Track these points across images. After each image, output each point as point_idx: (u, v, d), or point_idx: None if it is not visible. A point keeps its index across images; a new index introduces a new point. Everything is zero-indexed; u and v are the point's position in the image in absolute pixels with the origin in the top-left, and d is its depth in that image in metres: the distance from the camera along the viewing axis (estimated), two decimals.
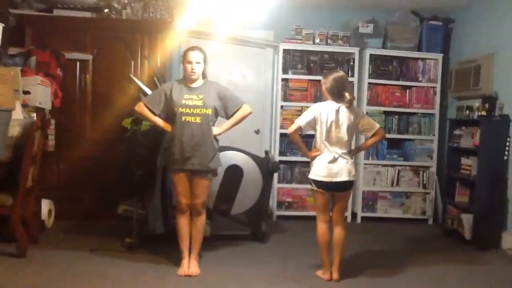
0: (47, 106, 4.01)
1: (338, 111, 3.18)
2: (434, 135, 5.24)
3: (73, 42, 4.53)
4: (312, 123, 3.22)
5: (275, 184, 4.98)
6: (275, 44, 5.25)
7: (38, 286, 2.95)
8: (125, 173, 3.75)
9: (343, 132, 3.18)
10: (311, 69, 5.17)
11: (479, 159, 4.36)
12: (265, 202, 4.13)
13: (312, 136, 3.35)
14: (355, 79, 5.11)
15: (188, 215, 3.30)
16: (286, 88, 5.11)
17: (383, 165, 5.22)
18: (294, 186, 5.15)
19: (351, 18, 5.30)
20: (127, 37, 4.62)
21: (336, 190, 3.21)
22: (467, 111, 4.79)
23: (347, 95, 3.18)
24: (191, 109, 3.17)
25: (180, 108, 3.17)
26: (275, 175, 4.65)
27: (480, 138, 4.35)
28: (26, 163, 3.36)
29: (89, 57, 4.56)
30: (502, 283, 3.42)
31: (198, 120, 3.17)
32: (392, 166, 5.23)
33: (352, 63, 5.15)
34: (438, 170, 5.23)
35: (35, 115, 3.80)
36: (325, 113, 3.18)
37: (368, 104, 5.15)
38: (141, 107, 3.26)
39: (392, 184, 5.23)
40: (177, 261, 3.32)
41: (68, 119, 4.53)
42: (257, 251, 3.90)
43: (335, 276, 3.22)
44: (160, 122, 3.27)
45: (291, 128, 3.25)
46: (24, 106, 3.73)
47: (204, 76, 3.29)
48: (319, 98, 4.75)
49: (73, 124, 4.57)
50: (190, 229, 3.30)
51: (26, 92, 3.75)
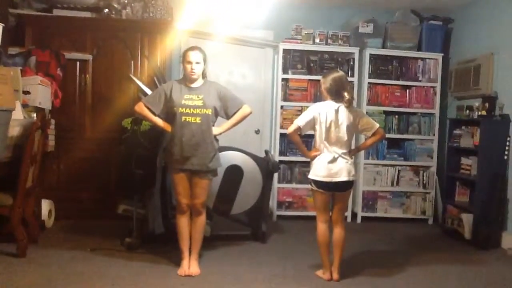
0: (47, 106, 4.01)
1: (337, 111, 3.18)
2: (434, 135, 5.24)
3: (73, 42, 4.53)
4: (312, 123, 3.22)
5: (275, 184, 4.97)
6: (275, 44, 5.25)
7: (38, 286, 2.95)
8: (125, 173, 3.75)
9: (342, 132, 3.18)
10: (311, 69, 5.16)
11: (479, 159, 4.37)
12: (265, 202, 4.13)
13: (312, 136, 3.35)
14: (355, 79, 5.11)
15: (188, 215, 3.30)
16: (286, 88, 5.11)
17: (383, 165, 5.22)
18: (294, 186, 5.15)
19: (351, 17, 5.30)
20: (127, 37, 4.61)
21: (336, 190, 3.21)
22: (467, 111, 4.78)
23: (346, 95, 3.18)
24: (191, 109, 3.17)
25: (180, 108, 3.17)
26: (275, 175, 4.65)
27: (480, 138, 4.35)
28: (26, 163, 3.36)
29: (89, 57, 4.56)
30: (502, 283, 3.42)
31: (198, 120, 3.17)
32: (392, 166, 5.23)
33: (352, 63, 5.15)
34: (438, 170, 5.23)
35: (35, 115, 3.80)
36: (324, 113, 3.18)
37: (368, 104, 5.15)
38: (141, 107, 3.26)
39: (392, 184, 5.23)
40: (177, 261, 3.32)
41: (68, 119, 4.53)
42: (257, 251, 3.90)
43: (335, 276, 3.22)
44: (160, 122, 3.27)
45: (291, 128, 3.24)
46: (24, 106, 3.73)
47: (204, 76, 3.29)
48: (319, 98, 4.74)
49: (73, 124, 4.57)
50: (190, 229, 3.30)
51: (26, 92, 3.74)
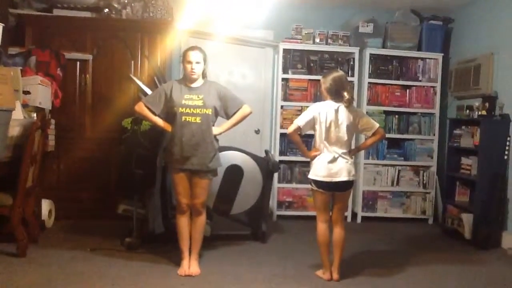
0: (47, 106, 4.01)
1: (337, 111, 3.18)
2: (434, 134, 5.24)
3: (73, 42, 4.53)
4: (311, 123, 3.22)
5: (275, 184, 4.97)
6: (275, 43, 5.25)
7: (38, 286, 2.95)
8: (125, 173, 3.75)
9: (342, 132, 3.18)
10: (311, 68, 5.16)
11: (479, 158, 4.37)
12: (265, 202, 4.13)
13: (312, 136, 3.35)
14: (355, 79, 5.11)
15: (188, 215, 3.30)
16: (286, 88, 5.11)
17: (383, 165, 5.22)
18: (294, 186, 5.14)
19: (351, 17, 5.30)
20: (127, 37, 4.61)
21: (336, 190, 3.21)
22: (467, 111, 4.78)
23: (346, 94, 3.18)
24: (191, 109, 3.17)
25: (180, 108, 3.17)
26: (275, 175, 4.65)
27: (480, 138, 4.35)
28: (26, 163, 3.36)
29: (89, 57, 4.56)
30: (502, 282, 3.41)
31: (198, 120, 3.17)
32: (392, 166, 5.22)
33: (352, 63, 5.15)
34: (438, 170, 5.23)
35: (35, 115, 3.80)
36: (324, 113, 3.18)
37: (368, 103, 5.14)
38: (141, 107, 3.26)
39: (392, 184, 5.23)
40: (177, 261, 3.32)
41: (68, 119, 4.53)
42: (257, 251, 3.90)
43: (335, 276, 3.22)
44: (160, 122, 3.27)
45: (290, 128, 3.24)
46: (24, 106, 3.73)
47: (204, 76, 3.29)
48: (319, 97, 4.73)
49: (73, 124, 4.57)
50: (190, 229, 3.30)
51: (26, 92, 3.74)
